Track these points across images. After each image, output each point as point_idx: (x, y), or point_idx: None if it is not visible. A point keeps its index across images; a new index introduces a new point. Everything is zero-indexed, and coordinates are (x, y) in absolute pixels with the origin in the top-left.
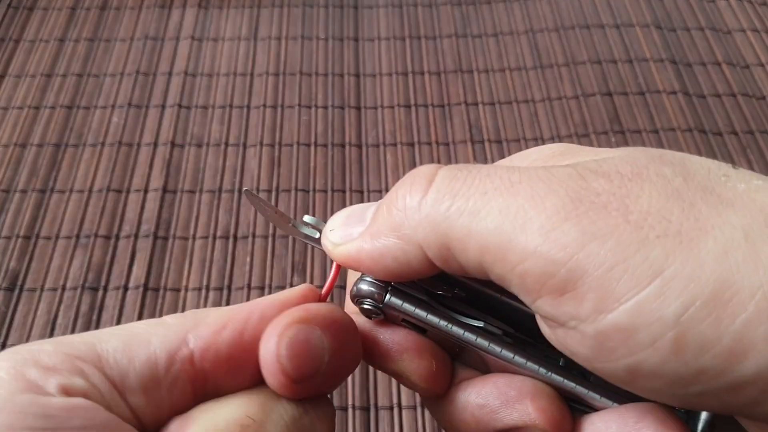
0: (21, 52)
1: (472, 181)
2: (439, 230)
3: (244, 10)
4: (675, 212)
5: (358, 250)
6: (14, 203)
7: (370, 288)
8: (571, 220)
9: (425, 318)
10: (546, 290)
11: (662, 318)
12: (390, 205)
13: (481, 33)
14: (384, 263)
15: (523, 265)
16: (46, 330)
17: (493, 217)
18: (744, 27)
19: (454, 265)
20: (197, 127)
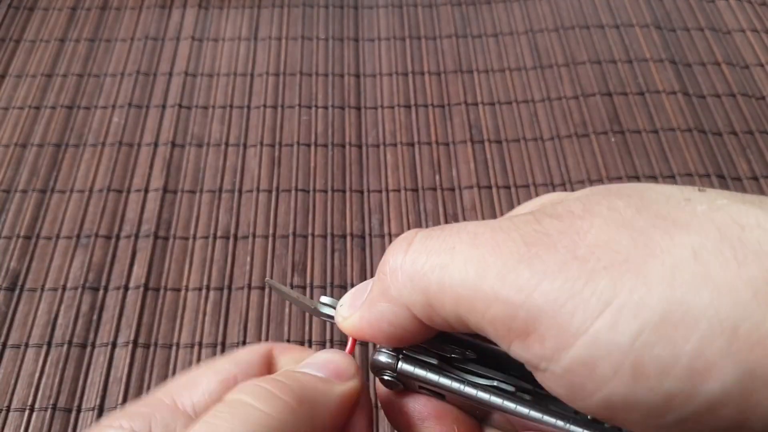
0: (21, 53)
1: (444, 238)
2: (418, 287)
3: (244, 11)
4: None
5: (360, 320)
6: (15, 203)
7: (382, 358)
8: (523, 262)
9: (437, 381)
10: (513, 334)
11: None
12: (379, 271)
13: (481, 33)
14: (381, 328)
15: (489, 311)
16: (47, 330)
17: (460, 269)
18: (744, 27)
19: (439, 321)
20: (197, 127)
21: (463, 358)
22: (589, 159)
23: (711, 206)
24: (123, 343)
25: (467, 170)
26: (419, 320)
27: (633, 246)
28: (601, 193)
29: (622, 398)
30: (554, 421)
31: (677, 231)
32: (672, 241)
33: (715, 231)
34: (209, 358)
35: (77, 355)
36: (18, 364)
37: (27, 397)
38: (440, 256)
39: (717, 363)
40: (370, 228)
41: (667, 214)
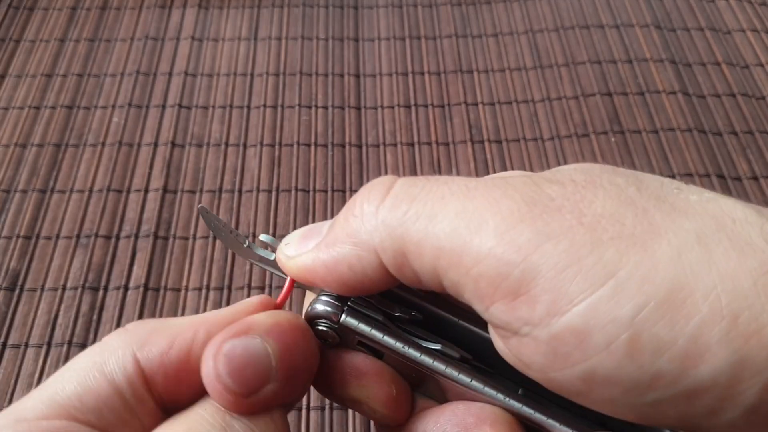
0: (21, 52)
1: (431, 187)
2: (395, 234)
3: (244, 11)
4: (629, 216)
5: (313, 260)
6: (15, 203)
7: (325, 308)
8: (525, 222)
9: (381, 339)
10: (500, 294)
11: (616, 319)
12: (347, 212)
13: (481, 33)
14: (339, 271)
15: (477, 267)
16: (47, 330)
17: (450, 221)
18: (744, 27)
19: (409, 273)
20: (197, 127)
21: (408, 318)
22: (589, 159)
23: (701, 197)
24: None
25: (467, 170)
26: (384, 268)
27: (638, 222)
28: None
29: (606, 372)
30: (494, 393)
31: (677, 215)
32: (674, 224)
33: (711, 220)
34: None
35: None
36: (18, 364)
37: None
38: (427, 205)
39: (712, 348)
40: None
41: (665, 197)
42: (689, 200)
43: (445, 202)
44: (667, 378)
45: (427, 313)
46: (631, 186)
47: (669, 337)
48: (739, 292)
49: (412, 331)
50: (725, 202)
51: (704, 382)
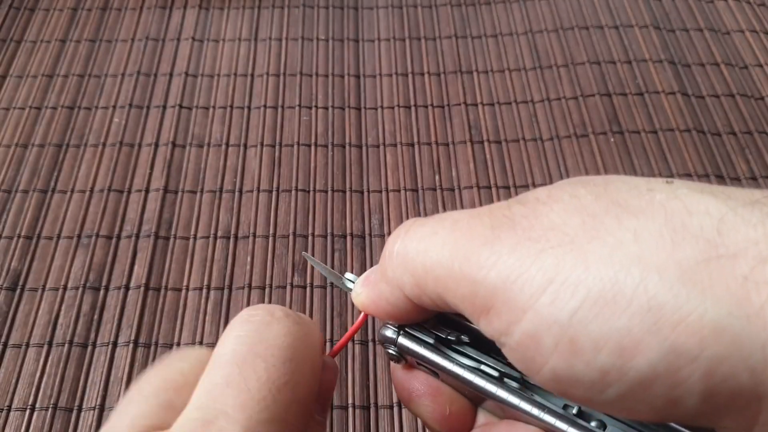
0: (22, 53)
1: (431, 224)
2: (408, 270)
3: (244, 11)
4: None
5: (366, 297)
6: (16, 203)
7: (385, 333)
8: (487, 244)
9: (429, 358)
10: (477, 311)
11: (557, 321)
12: (381, 255)
13: (480, 34)
14: (381, 306)
15: (458, 290)
16: (48, 329)
17: (437, 252)
18: (742, 28)
19: (427, 301)
20: (198, 128)
21: (457, 340)
22: (588, 159)
23: (669, 195)
24: (124, 342)
25: (467, 170)
26: (411, 300)
27: (581, 228)
28: (571, 182)
29: (564, 372)
30: (529, 409)
31: (627, 216)
32: (618, 225)
33: (662, 216)
34: None
35: (78, 354)
36: (19, 364)
37: (28, 397)
38: (425, 240)
39: (643, 340)
40: (370, 228)
41: (624, 201)
42: (653, 200)
43: (437, 237)
44: (612, 373)
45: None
46: (590, 195)
47: (603, 333)
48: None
49: (462, 351)
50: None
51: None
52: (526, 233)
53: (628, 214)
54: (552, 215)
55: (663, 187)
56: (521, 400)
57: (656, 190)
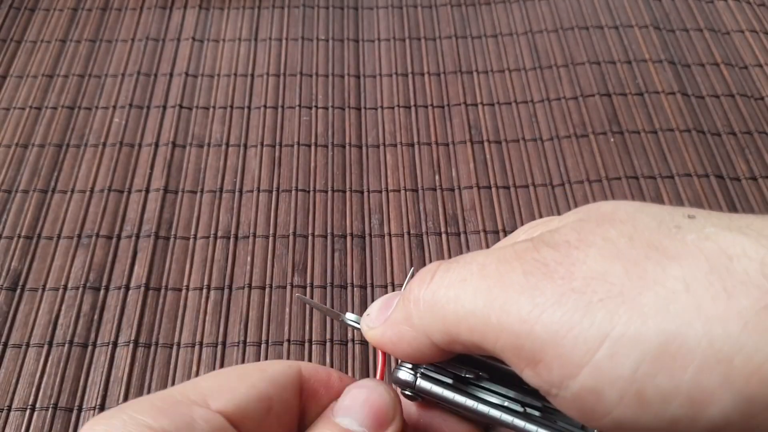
0: (23, 53)
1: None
2: (437, 317)
3: (244, 12)
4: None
5: (382, 335)
6: (16, 203)
7: (402, 376)
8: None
9: (452, 399)
10: (523, 362)
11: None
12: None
13: (480, 34)
14: (402, 347)
15: (498, 341)
16: (48, 330)
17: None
18: (742, 28)
19: (459, 348)
20: (198, 128)
21: (476, 377)
22: (588, 159)
23: (699, 235)
24: (124, 342)
25: (467, 170)
26: (436, 345)
27: (627, 278)
28: (595, 221)
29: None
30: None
31: (669, 262)
32: (664, 273)
33: (705, 262)
34: (210, 357)
35: (78, 354)
36: (19, 364)
37: (28, 397)
38: (454, 288)
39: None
40: (370, 228)
41: (659, 243)
42: (685, 241)
43: (466, 284)
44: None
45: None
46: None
47: (671, 386)
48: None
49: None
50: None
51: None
52: (566, 283)
53: (669, 259)
54: (589, 262)
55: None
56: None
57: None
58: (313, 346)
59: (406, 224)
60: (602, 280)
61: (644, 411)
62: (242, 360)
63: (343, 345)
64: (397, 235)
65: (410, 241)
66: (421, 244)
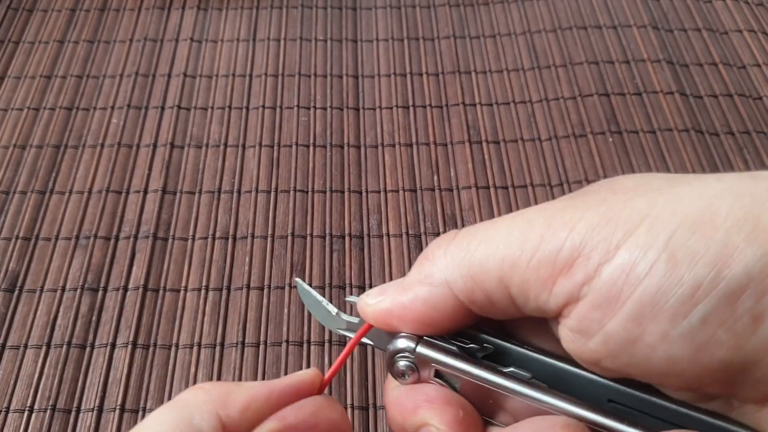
0: (20, 54)
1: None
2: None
3: (242, 12)
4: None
5: (391, 302)
6: (14, 204)
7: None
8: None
9: (456, 365)
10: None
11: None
12: (421, 260)
13: (478, 34)
14: (415, 309)
15: (535, 256)
16: (46, 331)
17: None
18: (741, 27)
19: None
20: (196, 128)
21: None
22: (587, 159)
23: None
24: (122, 343)
25: (465, 170)
26: (457, 300)
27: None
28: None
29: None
30: (570, 407)
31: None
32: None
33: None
34: (208, 358)
35: (76, 355)
36: (17, 365)
37: (26, 398)
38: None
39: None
40: (369, 228)
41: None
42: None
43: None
44: (705, 286)
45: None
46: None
47: (701, 247)
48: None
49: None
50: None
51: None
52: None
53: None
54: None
55: None
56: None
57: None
58: (312, 347)
59: (404, 224)
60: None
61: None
62: (240, 361)
63: (342, 346)
64: (395, 235)
65: (409, 242)
66: (420, 245)
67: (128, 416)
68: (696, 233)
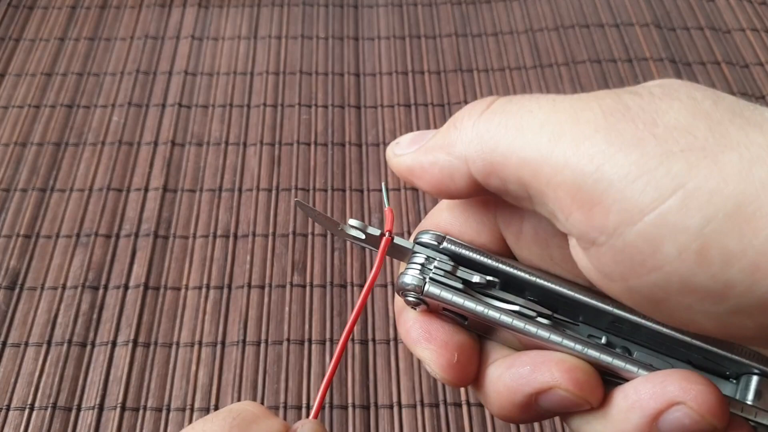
0: (21, 51)
1: (523, 103)
2: (486, 145)
3: (244, 9)
4: (701, 129)
5: (412, 160)
6: (15, 202)
7: (409, 281)
8: (600, 132)
9: (462, 305)
10: (576, 203)
11: (686, 229)
12: (450, 124)
13: (480, 32)
14: (432, 173)
15: (556, 178)
16: (47, 329)
17: (534, 132)
18: (743, 26)
19: (495, 182)
20: (197, 126)
21: (486, 283)
22: None
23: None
24: (123, 341)
25: None
26: (472, 178)
27: (710, 134)
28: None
29: (680, 280)
30: (572, 345)
31: (752, 129)
32: (747, 138)
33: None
34: (209, 357)
35: (77, 354)
36: (18, 363)
37: (27, 396)
38: (516, 117)
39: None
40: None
41: (740, 111)
42: (765, 115)
43: (532, 115)
44: (739, 288)
45: (504, 276)
46: (708, 100)
47: (738, 249)
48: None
49: (491, 294)
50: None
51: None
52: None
53: (751, 126)
54: (672, 113)
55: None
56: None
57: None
58: (313, 345)
59: (406, 223)
60: (685, 132)
61: (701, 270)
62: (241, 359)
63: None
64: (397, 234)
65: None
66: None
67: (129, 414)
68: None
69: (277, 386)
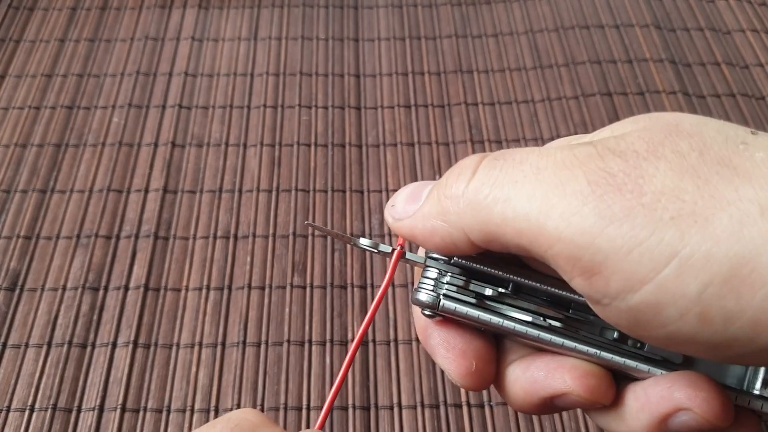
0: (21, 53)
1: (507, 169)
2: (479, 217)
3: (244, 11)
4: (689, 190)
5: (411, 228)
6: (15, 203)
7: (424, 299)
8: (588, 205)
9: (478, 318)
10: (577, 271)
11: (685, 296)
12: (440, 191)
13: (480, 33)
14: (433, 241)
15: (552, 249)
16: (47, 330)
17: (523, 205)
18: (743, 27)
19: (498, 247)
20: (198, 128)
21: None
22: None
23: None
24: (123, 343)
25: None
26: (472, 242)
27: (699, 196)
28: (661, 131)
29: (685, 336)
30: (585, 349)
31: (741, 182)
32: (737, 194)
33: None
34: (209, 358)
35: (77, 355)
36: (18, 364)
37: (27, 398)
38: (504, 188)
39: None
40: (370, 228)
41: (728, 161)
42: (754, 159)
43: (518, 186)
44: (742, 340)
45: (517, 285)
46: (694, 151)
47: (737, 309)
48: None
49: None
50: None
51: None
52: (635, 198)
53: (740, 178)
54: (659, 176)
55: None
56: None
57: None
58: (313, 346)
59: None
60: (673, 196)
61: (704, 329)
62: (242, 360)
63: (343, 345)
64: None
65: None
66: None
67: (129, 416)
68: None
69: (278, 387)
